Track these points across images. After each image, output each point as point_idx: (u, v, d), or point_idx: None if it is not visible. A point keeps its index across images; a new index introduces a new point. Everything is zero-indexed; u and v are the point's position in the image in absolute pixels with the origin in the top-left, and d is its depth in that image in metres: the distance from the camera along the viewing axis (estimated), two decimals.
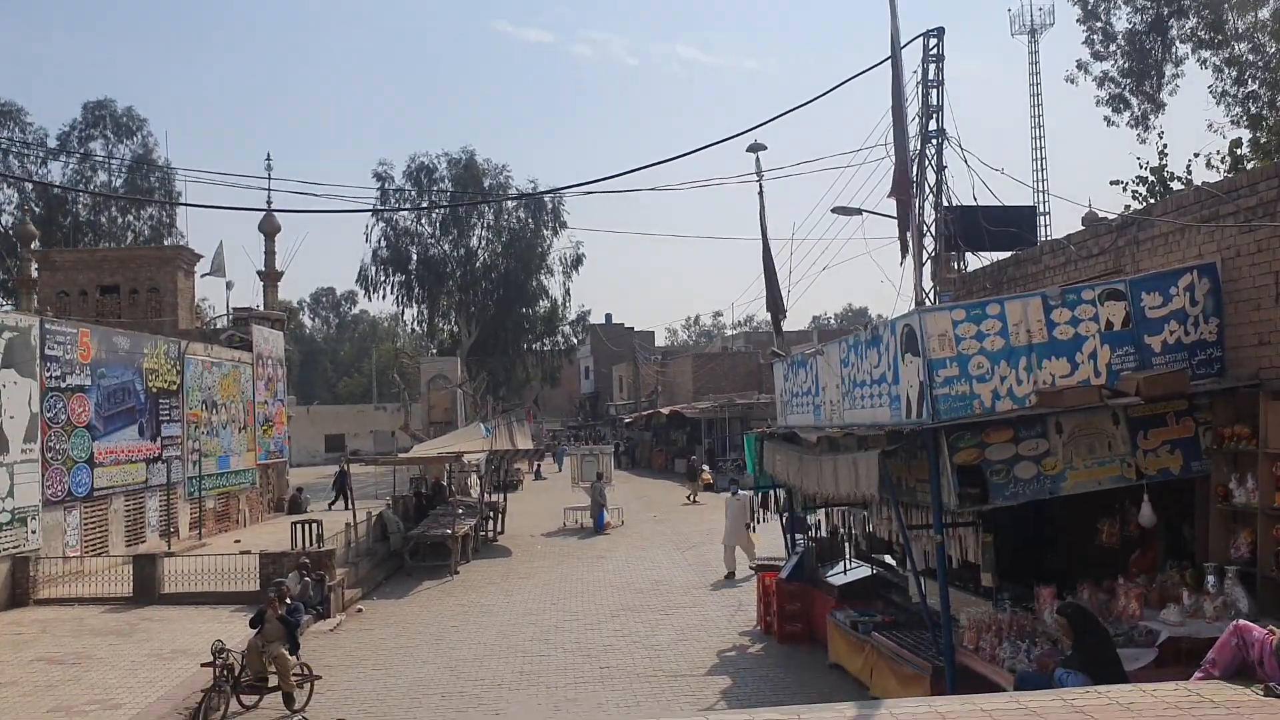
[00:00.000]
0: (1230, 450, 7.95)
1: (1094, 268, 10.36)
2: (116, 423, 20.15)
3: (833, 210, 14.09)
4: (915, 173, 13.28)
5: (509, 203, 54.41)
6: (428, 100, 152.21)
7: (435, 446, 24.99)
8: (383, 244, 53.15)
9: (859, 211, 13.92)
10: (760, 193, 14.46)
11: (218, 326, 30.16)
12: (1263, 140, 18.16)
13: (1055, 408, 8.02)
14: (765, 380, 51.69)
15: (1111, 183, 16.76)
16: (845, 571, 13.15)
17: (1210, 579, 7.70)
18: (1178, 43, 21.61)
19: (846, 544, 13.54)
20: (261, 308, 31.70)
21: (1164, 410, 8.18)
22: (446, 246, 54.23)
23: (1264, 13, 20.63)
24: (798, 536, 14.45)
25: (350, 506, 21.02)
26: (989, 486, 8.12)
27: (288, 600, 11.45)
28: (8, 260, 41.37)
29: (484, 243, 54.61)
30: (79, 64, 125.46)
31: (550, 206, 53.80)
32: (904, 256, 11.35)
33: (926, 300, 13.71)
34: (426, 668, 12.94)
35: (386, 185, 53.21)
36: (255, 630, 11.18)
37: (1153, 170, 15.27)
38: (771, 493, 14.80)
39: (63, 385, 18.38)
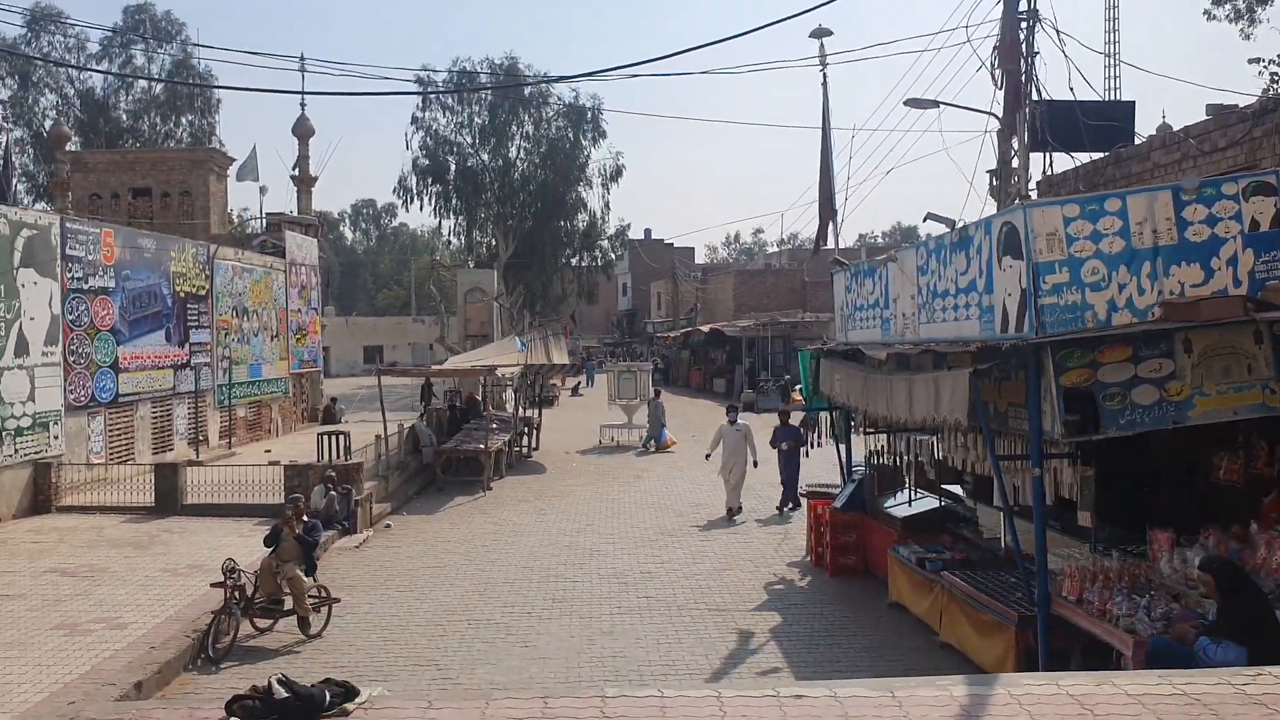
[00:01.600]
0: None
1: (1219, 165, 8.95)
2: (142, 327, 19.42)
3: (906, 103, 12.63)
4: (999, 63, 11.75)
5: (549, 112, 52.66)
6: (472, 8, 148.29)
7: (469, 359, 24.11)
8: (422, 154, 51.80)
9: (935, 104, 12.45)
10: (824, 83, 13.05)
11: (250, 231, 29.28)
12: None
13: (1186, 321, 6.77)
14: (810, 298, 50.26)
15: (1250, 60, 14.99)
16: (909, 503, 12.07)
17: None
18: None
19: (909, 473, 12.44)
20: (295, 213, 30.72)
21: None
22: (485, 157, 52.70)
23: None
24: (855, 464, 13.37)
25: (383, 415, 20.25)
26: (1101, 413, 6.93)
27: (305, 517, 10.63)
28: (44, 163, 40.69)
29: (523, 153, 52.99)
30: None
31: (590, 116, 51.92)
32: (1011, 141, 9.94)
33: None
34: (454, 590, 12.16)
35: (427, 89, 51.62)
36: (270, 549, 10.39)
37: None
38: (827, 415, 13.66)
39: (85, 287, 17.60)
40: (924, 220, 10.13)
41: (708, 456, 17.48)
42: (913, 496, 12.13)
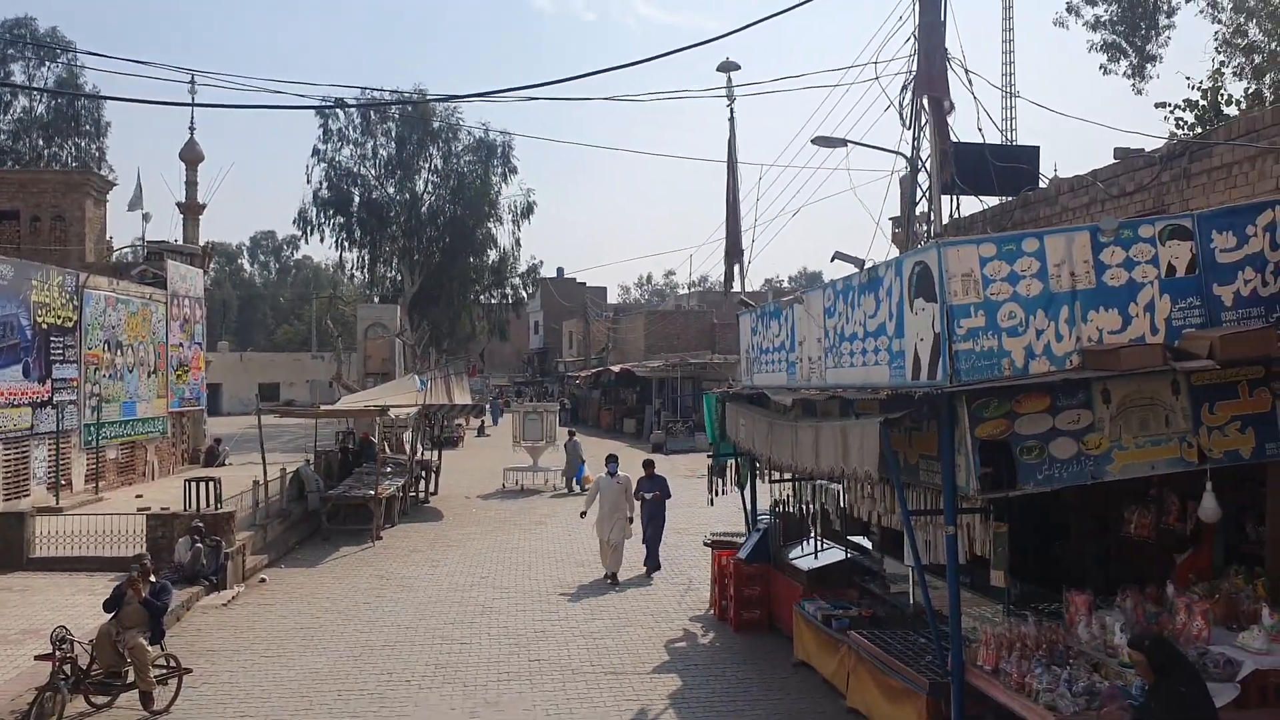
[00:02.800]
0: None
1: (1127, 209, 8.71)
2: None
3: (814, 141, 12.28)
4: (910, 99, 11.50)
5: (458, 146, 51.80)
6: (378, 45, 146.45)
7: (362, 399, 22.96)
8: (324, 185, 50.32)
9: (843, 142, 12.13)
10: (731, 117, 12.65)
11: (130, 259, 27.57)
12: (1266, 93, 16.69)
13: (1106, 370, 6.35)
14: (719, 340, 50.18)
15: (1157, 105, 15.11)
16: (815, 554, 11.52)
17: None
18: None
19: (814, 523, 11.91)
20: (180, 242, 29.11)
21: (1235, 378, 6.55)
22: (391, 190, 51.56)
23: None
24: (760, 512, 12.79)
25: (263, 458, 18.95)
26: (1018, 467, 6.45)
27: (153, 578, 9.49)
28: None
29: (430, 187, 52.02)
30: None
31: (501, 151, 51.31)
32: (935, 176, 9.56)
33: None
34: (327, 655, 11.10)
35: (330, 123, 50.32)
36: (110, 614, 9.23)
37: (1205, 93, 13.67)
38: (731, 462, 13.09)
39: None
40: (831, 260, 9.66)
41: (583, 514, 15.61)
42: (819, 547, 11.59)
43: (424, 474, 23.98)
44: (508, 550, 17.67)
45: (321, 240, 51.10)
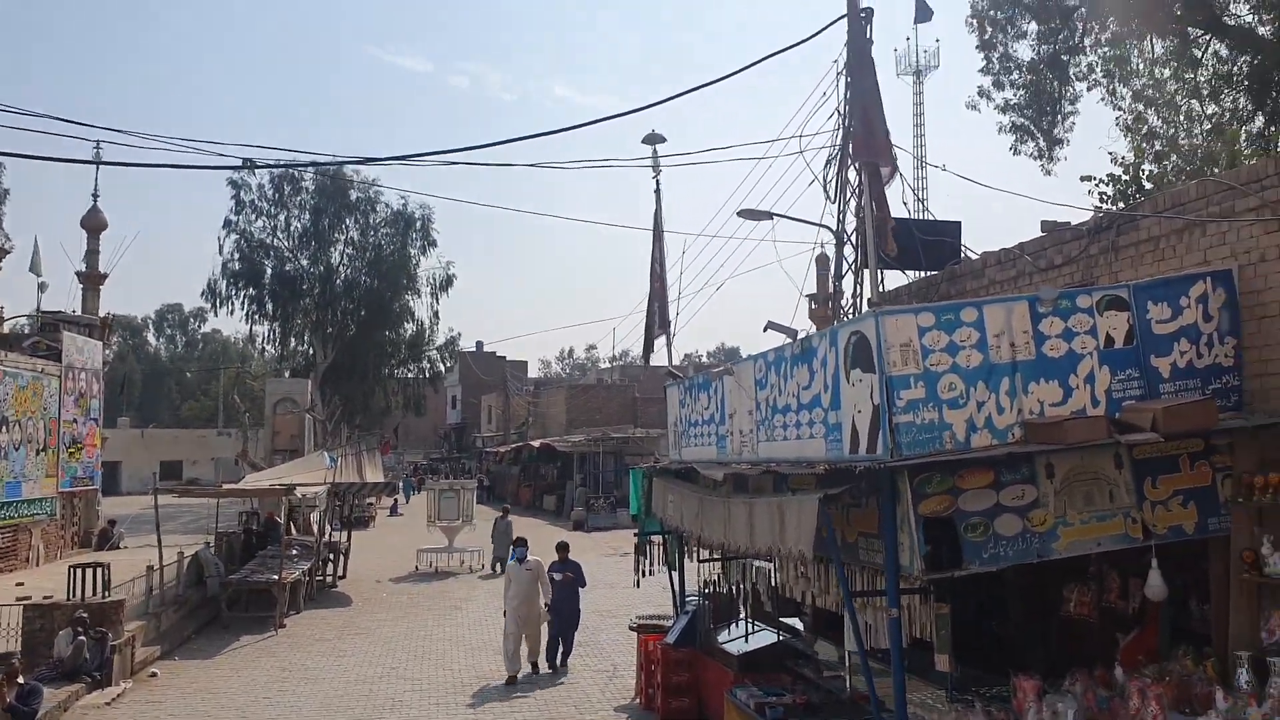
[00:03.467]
0: (1257, 504, 6.23)
1: (1055, 282, 8.67)
2: None
3: (739, 214, 12.20)
4: (833, 176, 11.51)
5: (375, 219, 51.19)
6: (293, 119, 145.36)
7: (268, 477, 21.88)
8: (235, 257, 49.04)
9: (769, 215, 12.06)
10: (657, 189, 12.54)
11: (25, 330, 26.10)
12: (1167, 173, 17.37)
13: (1049, 444, 6.15)
14: (642, 414, 49.92)
15: (1082, 178, 15.49)
16: (746, 637, 11.06)
17: (1242, 672, 5.92)
18: (1075, 81, 20.91)
19: (745, 604, 11.48)
20: (79, 312, 27.75)
21: (1176, 451, 6.42)
22: (305, 262, 50.48)
23: (1159, 47, 20.12)
24: (689, 593, 12.31)
25: (158, 541, 17.77)
26: (963, 545, 6.17)
27: (20, 681, 8.55)
28: None
29: (346, 259, 51.12)
30: None
31: (420, 224, 50.86)
32: (870, 244, 9.43)
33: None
34: None
35: (243, 194, 49.30)
36: None
37: (1127, 168, 14.05)
38: (656, 541, 12.61)
39: None
40: (765, 330, 9.41)
41: (505, 613, 13.89)
42: (749, 630, 11.13)
43: (332, 556, 22.86)
44: (420, 638, 16.77)
45: (231, 313, 49.69)
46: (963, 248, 12.12)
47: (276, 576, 17.86)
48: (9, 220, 49.28)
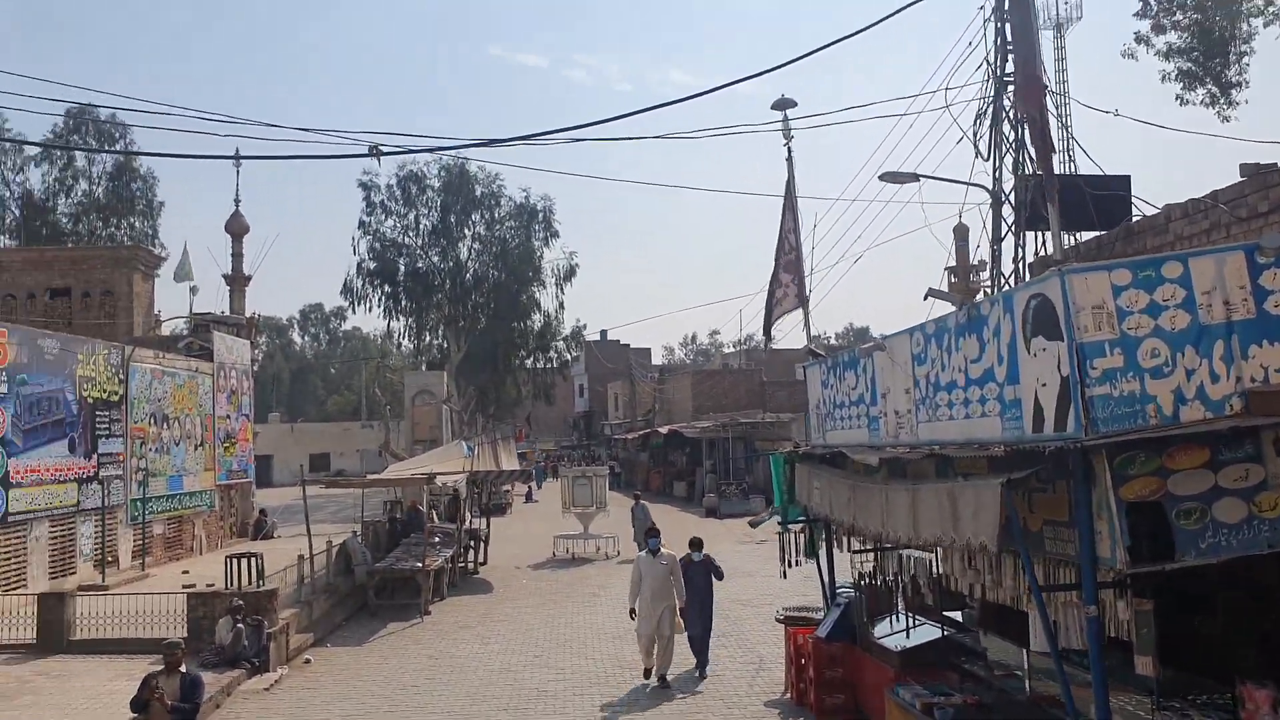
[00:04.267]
0: None
1: (1259, 234, 7.72)
2: (40, 437, 17.42)
3: (881, 177, 11.47)
4: (988, 128, 10.69)
5: (500, 212, 51.96)
6: (417, 120, 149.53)
7: (409, 467, 22.28)
8: (369, 256, 50.64)
9: (915, 177, 11.30)
10: (789, 157, 11.89)
11: (179, 332, 27.42)
12: None
13: (1275, 416, 5.37)
14: (769, 399, 49.14)
15: None
16: (906, 632, 10.41)
17: None
18: (1247, 18, 19.10)
19: (902, 596, 10.80)
20: (227, 313, 29.00)
21: None
22: (435, 258, 51.73)
23: None
24: (840, 585, 11.72)
25: (307, 531, 18.26)
26: (1175, 535, 5.46)
27: (183, 669, 8.69)
28: None
29: (474, 254, 52.10)
30: (55, 68, 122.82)
31: (542, 215, 51.36)
32: (1045, 206, 8.67)
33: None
34: None
35: (373, 196, 50.79)
36: (136, 715, 8.44)
37: None
38: (804, 530, 12.06)
39: None
40: (925, 298, 8.75)
41: (632, 612, 12.56)
42: (910, 624, 10.47)
43: (473, 543, 23.14)
44: (562, 626, 16.68)
45: (369, 310, 51.37)
46: (1134, 203, 11.13)
47: (421, 564, 18.10)
48: (163, 232, 52.26)
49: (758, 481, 40.84)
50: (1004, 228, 11.10)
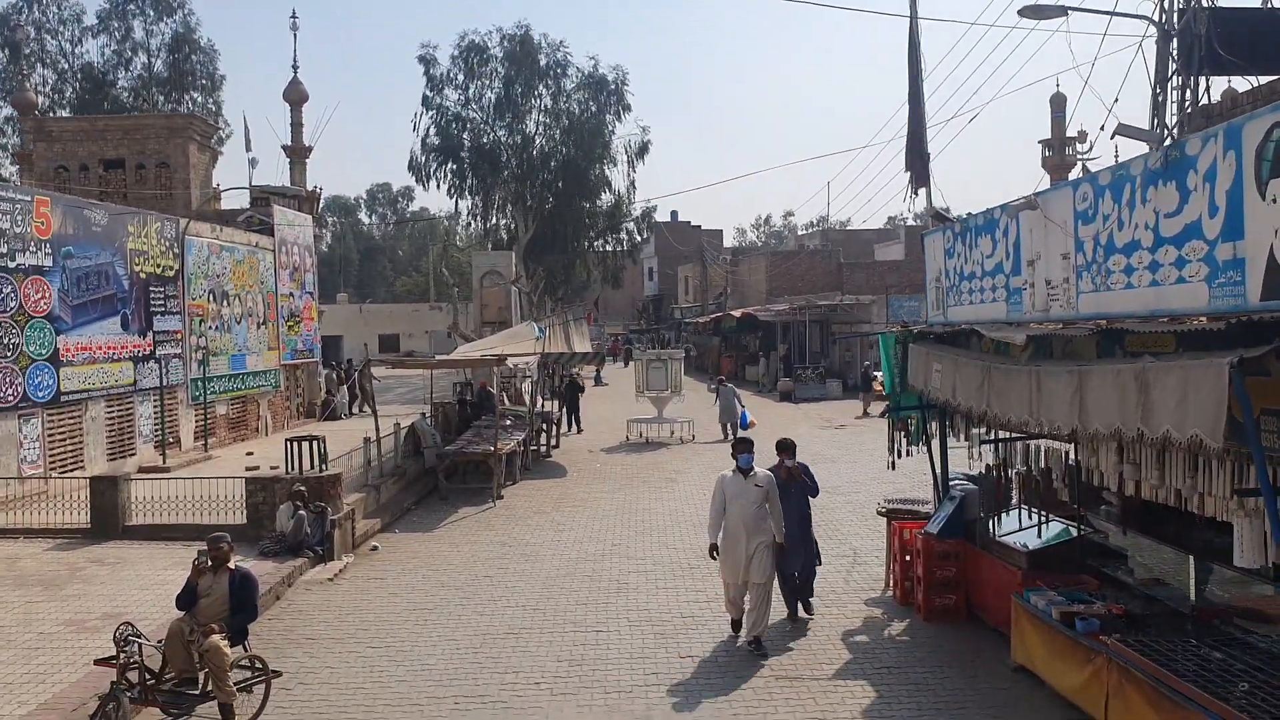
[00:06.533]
0: None
1: None
2: (90, 313, 16.79)
3: (1021, 12, 9.68)
4: None
5: (568, 85, 49.72)
6: None
7: (478, 348, 21.41)
8: (432, 131, 49.03)
9: (1062, 10, 9.49)
10: None
11: (228, 206, 26.59)
12: None
13: None
14: (847, 281, 47.27)
15: None
16: (1038, 529, 9.19)
17: None
18: None
19: (1027, 491, 9.56)
20: (288, 185, 28.05)
21: None
22: (501, 133, 49.91)
23: None
24: (955, 478, 10.50)
25: (373, 412, 17.59)
26: None
27: (233, 564, 7.88)
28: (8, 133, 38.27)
29: (541, 129, 50.11)
30: None
31: (613, 87, 48.98)
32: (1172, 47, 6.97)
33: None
34: (443, 647, 9.43)
35: (433, 70, 48.84)
36: (184, 611, 7.69)
37: None
38: (916, 417, 10.79)
39: (11, 265, 14.96)
40: (1112, 137, 7.20)
41: (714, 551, 9.42)
42: (1042, 520, 9.23)
43: (545, 426, 22.41)
44: (638, 512, 15.86)
45: (438, 187, 50.12)
46: None
47: (493, 448, 17.35)
48: (226, 108, 51.38)
49: (834, 365, 39.48)
50: (1170, 67, 9.24)
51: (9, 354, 14.83)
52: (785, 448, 10.21)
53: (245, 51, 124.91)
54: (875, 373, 29.91)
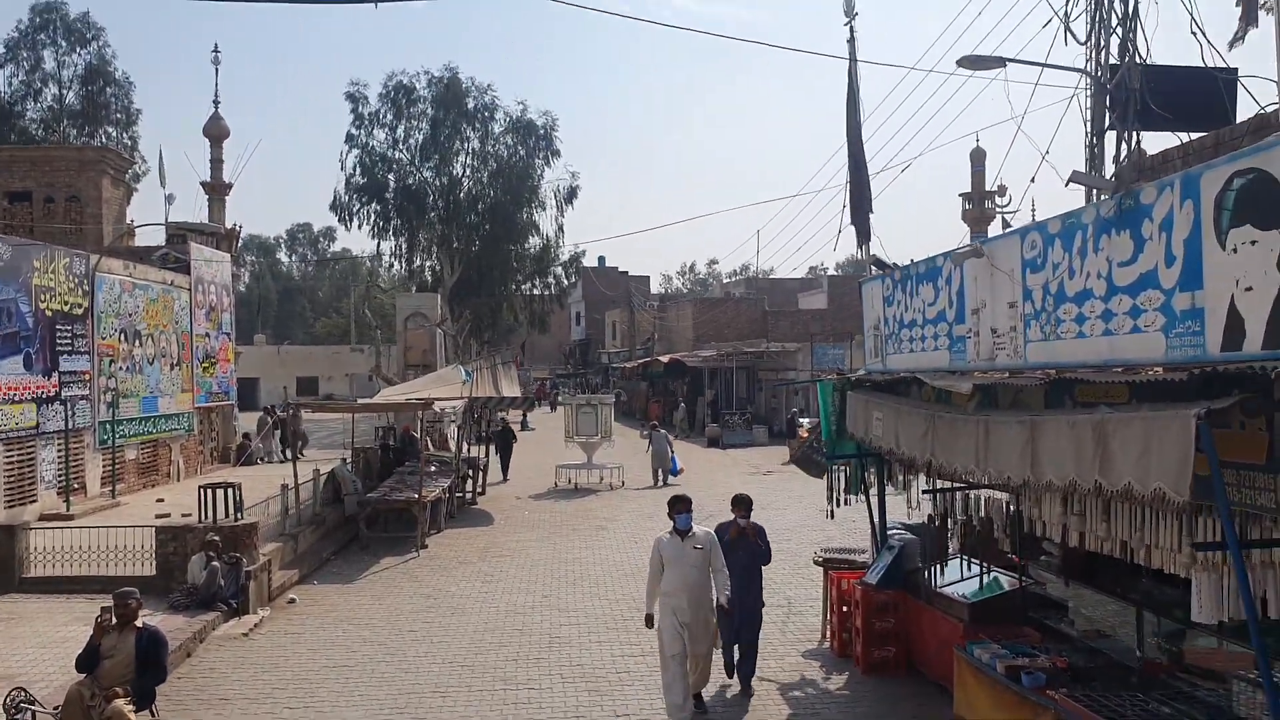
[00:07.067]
0: None
1: None
2: None
3: (960, 62, 9.82)
4: (1090, 6, 9.06)
5: (496, 129, 49.63)
6: (404, 25, 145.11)
7: (404, 391, 20.85)
8: (357, 170, 48.34)
9: (1000, 61, 9.65)
10: (850, 38, 10.19)
11: (158, 246, 25.65)
12: None
13: None
14: (773, 328, 47.76)
15: None
16: (979, 581, 9.12)
17: None
18: None
19: (981, 541, 9.47)
20: (206, 223, 27.18)
21: None
22: (428, 174, 49.49)
23: None
24: (894, 527, 10.42)
25: (294, 459, 16.91)
26: None
27: (140, 623, 7.31)
28: None
29: (469, 170, 49.84)
30: None
31: (543, 132, 49.04)
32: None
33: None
34: (365, 708, 8.91)
35: (361, 108, 48.32)
36: (84, 674, 7.09)
37: None
38: (853, 465, 10.70)
39: None
40: (1066, 185, 7.29)
41: (650, 620, 8.50)
42: (983, 572, 9.17)
43: (470, 473, 21.86)
44: (569, 562, 15.46)
45: (360, 228, 49.24)
46: (1234, 108, 9.60)
47: (417, 495, 16.79)
48: (142, 143, 49.90)
49: (760, 411, 39.66)
50: (1106, 119, 9.46)
51: None
52: (741, 503, 9.55)
53: (164, 85, 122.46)
54: (801, 419, 30.17)
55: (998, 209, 37.40)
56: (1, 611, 11.50)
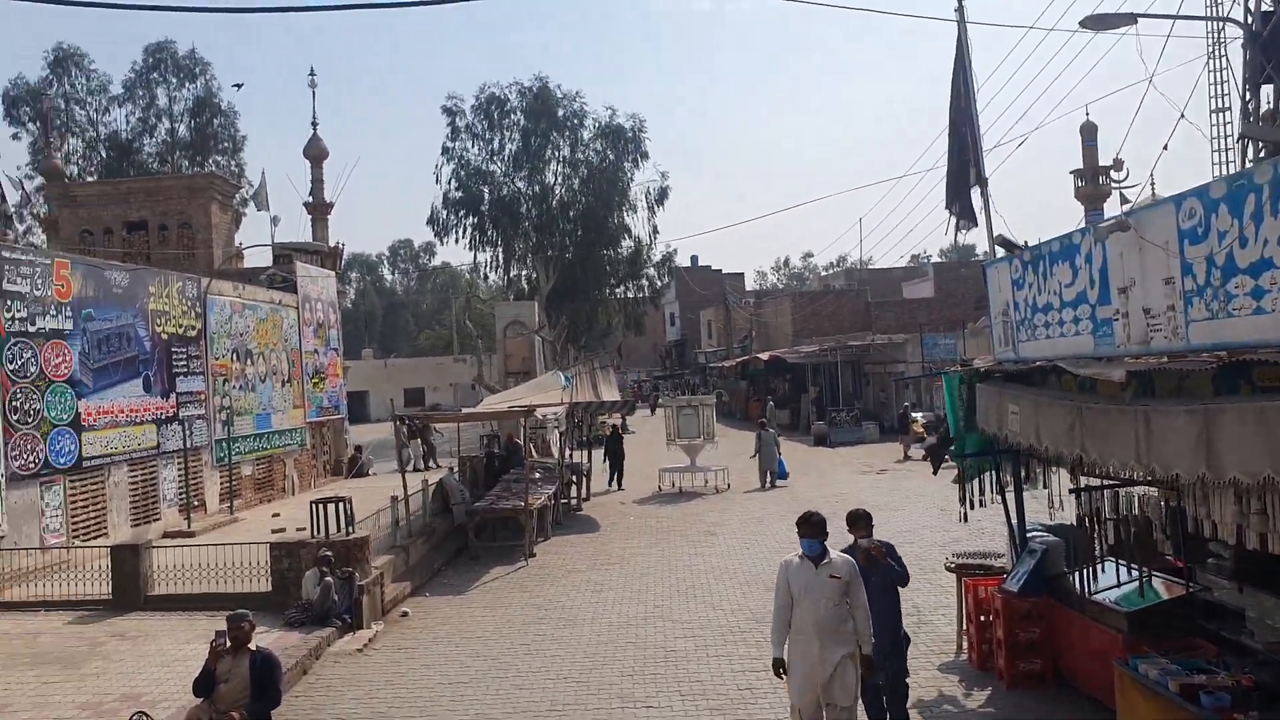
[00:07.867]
0: None
1: None
2: (112, 375, 16.28)
3: (1083, 22, 9.03)
4: None
5: (586, 135, 49.69)
6: (497, 40, 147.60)
7: (506, 399, 20.79)
8: (453, 184, 49.05)
9: (1131, 19, 8.85)
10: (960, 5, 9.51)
11: (261, 265, 26.30)
12: None
13: None
14: (876, 320, 46.58)
15: None
16: (1139, 588, 8.33)
17: None
18: None
19: (1108, 542, 8.72)
20: (310, 242, 27.74)
21: None
22: (520, 184, 49.85)
23: None
24: (1033, 529, 9.68)
25: (401, 473, 16.96)
26: None
27: (254, 645, 7.17)
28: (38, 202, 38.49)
29: (560, 178, 50.01)
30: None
31: (631, 135, 48.88)
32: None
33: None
34: None
35: (457, 120, 49.00)
36: (201, 698, 6.98)
37: None
38: (985, 463, 9.98)
39: (31, 329, 14.51)
40: (1238, 140, 6.49)
41: (779, 668, 6.91)
42: (1142, 578, 8.38)
43: (575, 479, 21.67)
44: (679, 569, 15.03)
45: (456, 241, 49.90)
46: None
47: (523, 502, 16.63)
48: (247, 169, 51.73)
49: (868, 407, 38.57)
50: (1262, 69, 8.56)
51: (30, 420, 14.30)
52: (860, 521, 8.15)
53: (265, 110, 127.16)
54: (914, 414, 29.07)
55: (1114, 184, 35.59)
56: (129, 629, 11.69)
